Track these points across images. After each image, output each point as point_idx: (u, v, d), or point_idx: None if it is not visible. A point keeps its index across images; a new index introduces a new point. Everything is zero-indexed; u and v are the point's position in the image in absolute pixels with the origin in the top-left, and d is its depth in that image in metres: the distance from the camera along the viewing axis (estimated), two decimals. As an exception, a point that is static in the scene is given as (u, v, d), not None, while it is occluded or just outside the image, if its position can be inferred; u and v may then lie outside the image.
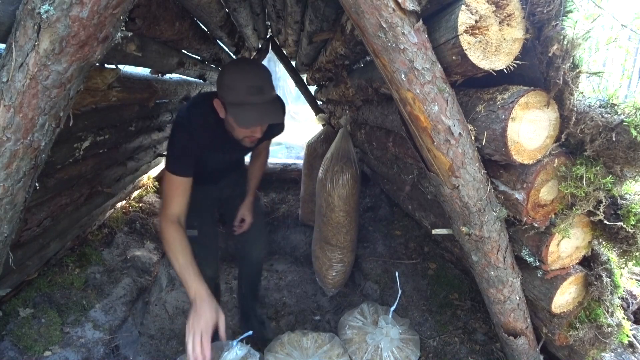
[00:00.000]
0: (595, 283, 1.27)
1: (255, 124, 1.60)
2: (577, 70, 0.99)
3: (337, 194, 2.72)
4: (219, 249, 2.25)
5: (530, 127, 1.03)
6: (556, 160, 1.10)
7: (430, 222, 2.10)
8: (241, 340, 1.46)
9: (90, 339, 1.93)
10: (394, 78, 1.05)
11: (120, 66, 1.76)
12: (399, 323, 1.98)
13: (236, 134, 1.69)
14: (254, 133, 1.68)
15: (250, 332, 1.54)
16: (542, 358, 1.53)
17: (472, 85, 1.20)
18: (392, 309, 1.72)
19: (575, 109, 1.03)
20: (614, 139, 0.98)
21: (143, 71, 2.49)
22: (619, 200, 1.11)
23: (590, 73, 1.01)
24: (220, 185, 2.15)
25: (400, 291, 1.89)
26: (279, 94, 1.72)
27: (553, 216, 1.18)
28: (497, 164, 1.19)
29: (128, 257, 2.68)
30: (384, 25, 0.96)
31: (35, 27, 0.90)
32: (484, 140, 1.09)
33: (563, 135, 1.07)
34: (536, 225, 1.18)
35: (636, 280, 1.99)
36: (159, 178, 4.13)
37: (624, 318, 1.34)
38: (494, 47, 0.97)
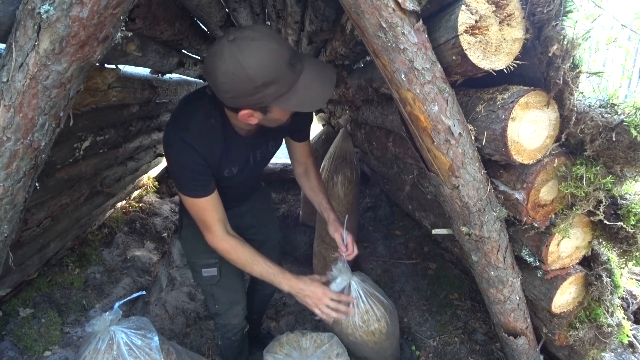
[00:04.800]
0: (595, 283, 1.27)
1: (326, 94, 1.22)
2: (577, 70, 0.99)
3: (332, 193, 2.73)
4: (245, 291, 1.86)
5: (530, 127, 1.03)
6: (556, 160, 1.10)
7: (430, 222, 2.10)
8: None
9: (90, 339, 1.93)
10: (394, 78, 1.05)
11: (120, 66, 1.76)
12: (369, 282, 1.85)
13: (280, 122, 1.30)
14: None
15: None
16: (542, 358, 1.53)
17: (472, 85, 1.19)
18: (343, 257, 1.63)
19: (575, 109, 1.03)
20: (614, 139, 0.98)
21: (143, 71, 2.49)
22: (619, 200, 1.11)
23: (590, 73, 1.01)
24: (242, 211, 1.74)
25: (345, 231, 1.65)
26: None
27: (553, 216, 1.18)
28: (497, 164, 1.19)
29: (128, 257, 2.68)
30: (384, 25, 0.96)
31: (35, 27, 0.90)
32: (484, 140, 1.09)
33: (563, 135, 1.07)
34: (536, 225, 1.18)
35: (636, 280, 1.99)
36: (160, 178, 4.13)
37: (624, 318, 1.34)
38: (494, 47, 0.97)
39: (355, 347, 1.85)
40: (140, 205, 3.47)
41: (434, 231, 1.55)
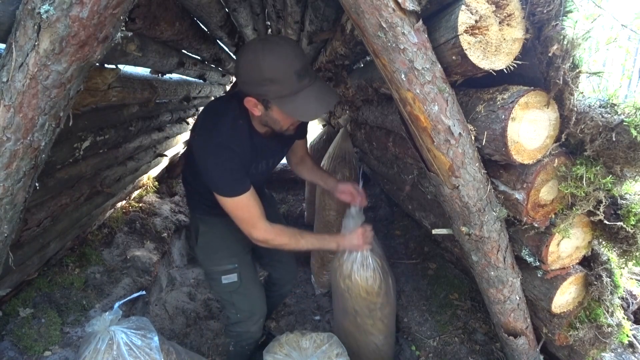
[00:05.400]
0: (595, 283, 1.27)
1: (319, 113, 1.38)
2: (577, 70, 0.99)
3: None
4: (265, 298, 1.87)
5: (530, 127, 1.03)
6: (556, 160, 1.10)
7: (430, 222, 2.10)
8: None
9: (90, 339, 1.93)
10: (394, 78, 1.05)
11: (120, 66, 1.76)
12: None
13: (280, 126, 1.44)
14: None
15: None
16: (542, 358, 1.53)
17: (472, 85, 1.19)
18: (357, 204, 1.84)
19: (575, 109, 1.03)
20: (614, 139, 0.98)
21: (143, 71, 2.48)
22: (619, 200, 1.11)
23: (590, 73, 1.01)
24: None
25: (362, 182, 1.92)
26: None
27: (553, 216, 1.18)
28: (497, 164, 1.19)
29: (128, 257, 2.68)
30: (384, 25, 0.96)
31: (35, 27, 0.90)
32: (484, 140, 1.09)
33: (563, 135, 1.06)
34: (536, 225, 1.18)
35: (636, 280, 1.99)
36: (160, 178, 4.13)
37: (624, 318, 1.34)
38: (494, 47, 0.97)
39: (350, 294, 1.89)
40: (140, 205, 3.47)
41: (434, 231, 1.55)
